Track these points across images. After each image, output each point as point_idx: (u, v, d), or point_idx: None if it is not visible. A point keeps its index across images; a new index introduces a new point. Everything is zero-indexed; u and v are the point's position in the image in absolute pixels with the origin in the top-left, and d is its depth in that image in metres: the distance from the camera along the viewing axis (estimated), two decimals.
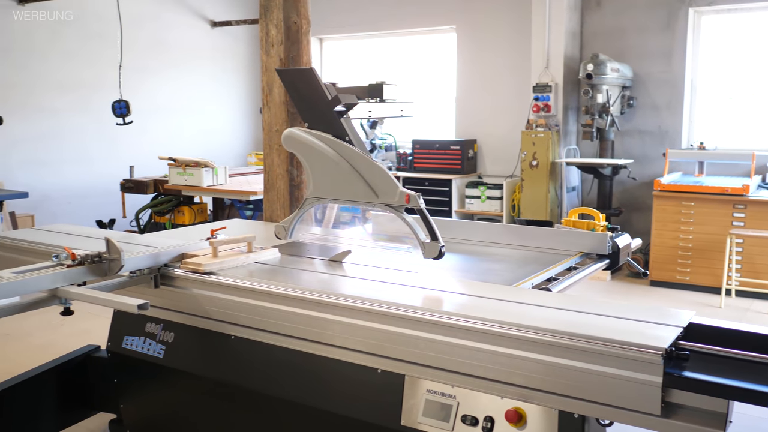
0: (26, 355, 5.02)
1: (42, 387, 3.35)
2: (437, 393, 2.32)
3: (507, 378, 2.13)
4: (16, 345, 5.37)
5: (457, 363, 2.21)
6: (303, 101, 3.21)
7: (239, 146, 10.65)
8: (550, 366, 2.05)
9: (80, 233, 3.74)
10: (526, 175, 8.00)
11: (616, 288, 7.08)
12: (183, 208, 7.39)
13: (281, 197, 4.27)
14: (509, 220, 8.48)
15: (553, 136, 7.92)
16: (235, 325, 2.74)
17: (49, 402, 3.40)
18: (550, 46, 8.02)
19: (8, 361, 4.96)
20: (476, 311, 2.26)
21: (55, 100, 8.22)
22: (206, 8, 10.01)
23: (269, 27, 4.20)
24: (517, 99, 8.65)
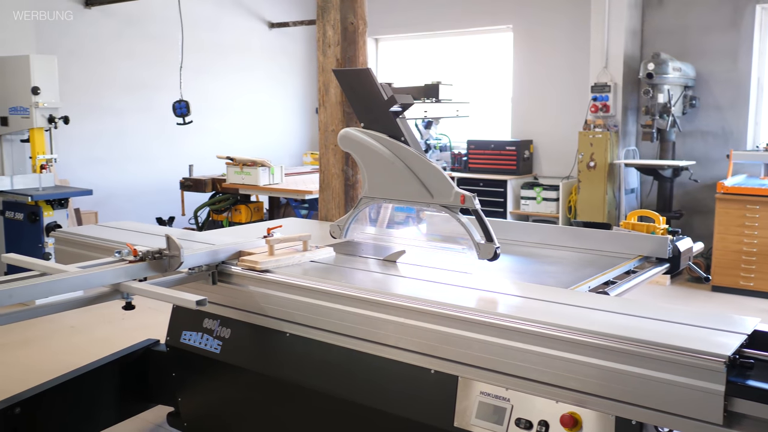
0: (89, 347, 5.18)
1: (104, 378, 3.45)
2: (491, 395, 2.30)
3: (563, 382, 2.10)
4: (80, 337, 5.55)
5: (512, 366, 2.19)
6: (359, 101, 3.23)
7: (295, 146, 10.77)
8: (607, 371, 2.01)
9: (141, 230, 3.84)
10: (583, 177, 7.87)
11: (676, 293, 6.91)
12: (240, 206, 7.51)
13: (336, 196, 4.30)
14: (565, 222, 8.35)
15: (612, 136, 7.77)
16: (290, 323, 2.78)
17: (111, 393, 3.50)
18: (609, 45, 7.87)
19: (72, 352, 5.13)
20: (531, 313, 2.23)
21: (119, 101, 8.46)
22: (264, 10, 10.15)
23: (326, 28, 4.23)
24: (575, 99, 8.52)
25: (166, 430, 3.81)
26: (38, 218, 6.29)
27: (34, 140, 6.46)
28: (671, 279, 7.10)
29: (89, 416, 3.39)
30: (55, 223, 6.33)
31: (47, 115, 6.41)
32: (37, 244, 6.28)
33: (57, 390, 3.17)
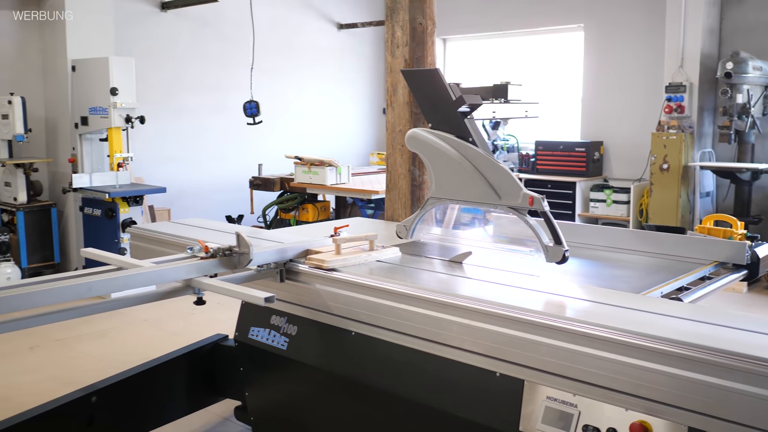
0: (160, 340, 5.33)
1: (175, 371, 3.55)
2: (558, 401, 2.26)
3: (633, 390, 2.04)
4: (152, 330, 5.72)
5: (580, 371, 2.15)
6: (427, 102, 3.22)
7: (362, 146, 10.84)
8: (680, 380, 1.95)
9: (212, 227, 3.93)
10: (656, 179, 7.65)
11: (754, 301, 6.64)
12: (307, 205, 7.60)
13: (403, 197, 4.30)
14: (636, 225, 8.14)
15: (687, 138, 7.53)
16: (355, 322, 2.79)
17: (181, 385, 3.60)
18: (685, 44, 7.63)
19: (145, 345, 5.30)
20: (601, 318, 2.18)
21: (192, 101, 8.69)
22: (333, 11, 10.25)
23: (395, 28, 4.24)
24: (648, 99, 8.30)
25: (234, 423, 3.89)
26: (115, 214, 6.52)
27: (112, 139, 6.69)
28: (749, 286, 6.83)
29: (160, 407, 3.50)
30: (131, 219, 6.55)
31: (124, 115, 6.63)
32: (114, 239, 6.51)
33: (131, 381, 3.28)
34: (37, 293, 2.32)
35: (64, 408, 2.98)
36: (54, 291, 2.35)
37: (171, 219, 7.74)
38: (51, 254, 7.12)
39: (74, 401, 3.03)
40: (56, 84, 7.21)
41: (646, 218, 7.94)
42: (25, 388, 4.51)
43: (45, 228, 7.04)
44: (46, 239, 7.06)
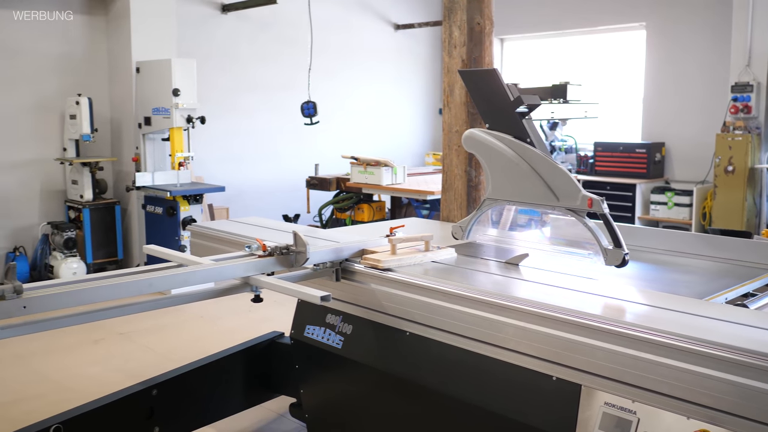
0: (218, 337, 5.44)
1: (232, 367, 3.61)
2: (616, 407, 2.21)
3: (695, 398, 1.99)
4: (209, 327, 5.84)
5: (639, 377, 2.10)
6: (484, 102, 3.20)
7: (417, 146, 10.83)
8: (744, 389, 1.88)
9: (269, 226, 3.98)
10: (720, 182, 7.43)
11: None
12: (363, 205, 7.64)
13: (459, 197, 4.28)
14: (699, 228, 7.92)
15: (753, 139, 7.29)
16: (410, 322, 2.79)
17: (238, 381, 3.66)
18: (752, 42, 7.39)
19: (203, 340, 5.41)
20: (662, 324, 2.13)
21: (251, 101, 8.83)
22: (390, 12, 10.27)
23: (452, 28, 4.22)
24: (712, 99, 8.06)
25: (289, 420, 3.94)
26: (175, 212, 6.68)
27: (174, 139, 6.85)
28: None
29: (218, 401, 3.56)
30: (191, 217, 6.70)
31: (186, 116, 6.79)
32: (174, 236, 6.67)
33: (190, 375, 3.35)
34: (101, 288, 2.39)
35: (126, 400, 3.06)
36: (118, 286, 2.42)
37: (229, 217, 7.88)
38: (114, 250, 7.33)
39: (136, 394, 3.11)
40: (121, 85, 7.43)
41: (709, 221, 7.72)
42: (90, 379, 4.65)
43: (109, 225, 7.26)
44: (110, 236, 7.28)
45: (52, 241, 7.07)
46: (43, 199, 7.38)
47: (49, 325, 2.31)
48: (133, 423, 3.12)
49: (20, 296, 2.15)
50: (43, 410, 3.50)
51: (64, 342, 5.31)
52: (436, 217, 6.43)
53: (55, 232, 7.05)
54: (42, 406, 4.11)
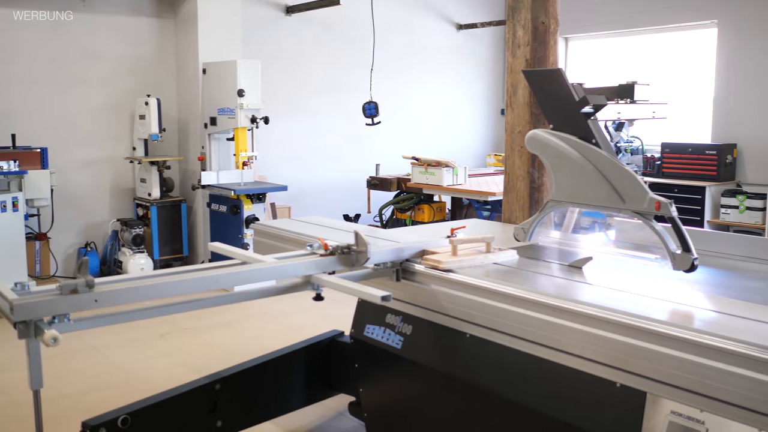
0: (280, 333, 5.52)
1: (293, 363, 3.66)
2: (683, 416, 2.15)
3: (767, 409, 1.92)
4: (272, 323, 5.93)
5: (708, 386, 2.03)
6: (549, 102, 3.16)
7: (479, 147, 10.76)
8: None
9: (330, 225, 4.02)
10: None
11: None
12: (423, 206, 7.63)
13: (521, 199, 4.23)
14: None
15: None
16: (470, 324, 2.78)
17: (299, 378, 3.70)
18: None
19: (265, 337, 5.50)
20: (733, 332, 2.06)
21: (314, 101, 8.93)
22: (452, 12, 10.23)
23: (516, 28, 4.18)
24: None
25: (348, 418, 3.97)
26: (239, 211, 6.81)
27: (238, 139, 6.98)
28: None
29: (279, 397, 3.61)
30: (254, 215, 6.81)
31: (250, 116, 6.91)
32: (238, 234, 6.80)
33: (252, 370, 3.41)
34: (169, 284, 2.46)
35: (190, 393, 3.14)
36: (184, 282, 2.49)
37: (291, 216, 7.98)
38: (180, 247, 7.52)
39: (200, 388, 3.18)
40: (188, 86, 7.61)
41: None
42: (157, 371, 4.79)
43: (175, 222, 7.45)
44: (176, 233, 7.47)
45: (121, 237, 7.31)
46: (113, 196, 7.63)
47: (118, 319, 2.39)
48: (197, 416, 3.19)
49: (92, 290, 2.23)
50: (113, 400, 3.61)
51: (133, 335, 5.47)
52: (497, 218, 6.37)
53: (124, 228, 7.27)
54: (112, 395, 4.25)
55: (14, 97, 6.90)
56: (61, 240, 7.25)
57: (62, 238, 7.26)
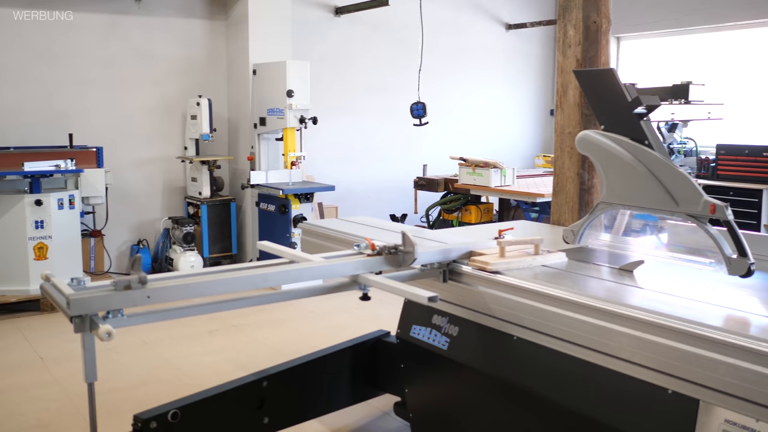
0: (326, 332, 5.56)
1: (340, 362, 3.68)
2: (738, 425, 2.09)
3: None
4: (318, 322, 5.97)
5: (764, 395, 1.97)
6: (600, 103, 3.11)
7: (527, 148, 10.66)
8: None
9: (377, 225, 4.03)
10: None
11: None
12: (470, 207, 7.59)
13: (570, 201, 4.18)
14: None
15: None
16: (518, 326, 2.75)
17: (345, 377, 3.72)
18: None
19: (312, 335, 5.54)
20: None
21: (362, 102, 8.97)
22: (502, 11, 10.16)
23: (567, 27, 4.13)
24: None
25: (393, 418, 3.97)
26: (287, 210, 6.88)
27: (287, 139, 7.05)
28: None
29: (325, 396, 3.64)
30: (301, 215, 6.88)
31: (299, 116, 6.97)
32: (285, 233, 6.86)
33: (299, 369, 3.44)
34: (219, 281, 2.50)
35: (238, 390, 3.18)
36: (234, 280, 2.52)
37: (338, 216, 8.03)
38: (229, 245, 7.63)
39: (248, 384, 3.22)
40: (239, 87, 7.72)
41: None
42: (206, 367, 4.87)
43: (225, 221, 7.57)
44: (225, 231, 7.59)
45: (172, 235, 7.45)
46: (165, 195, 7.79)
47: (169, 315, 2.43)
48: (244, 412, 3.23)
49: (145, 287, 2.28)
50: (163, 394, 3.70)
51: (183, 331, 5.58)
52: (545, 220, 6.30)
53: (175, 226, 7.42)
54: (163, 390, 4.34)
55: (71, 97, 7.10)
56: (115, 237, 7.44)
57: (116, 236, 7.44)
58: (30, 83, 6.89)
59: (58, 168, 6.31)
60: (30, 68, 6.88)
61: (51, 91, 7.00)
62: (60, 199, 6.28)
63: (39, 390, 4.51)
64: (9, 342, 5.46)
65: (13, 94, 6.82)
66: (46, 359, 5.06)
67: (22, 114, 6.87)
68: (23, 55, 6.84)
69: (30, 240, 6.14)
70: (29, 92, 6.89)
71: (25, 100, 6.87)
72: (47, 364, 4.96)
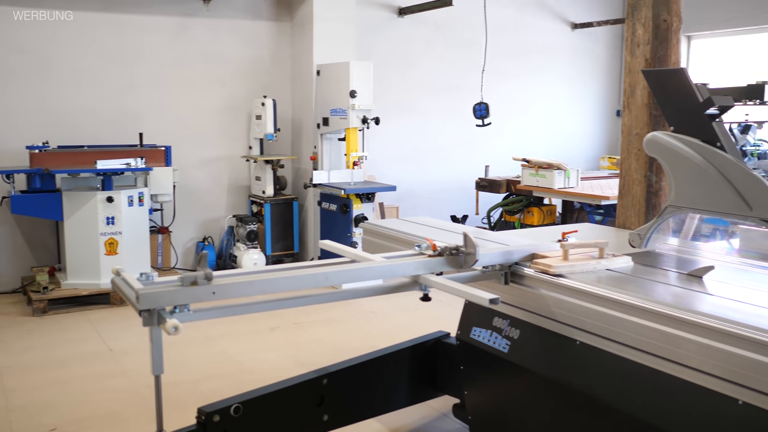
0: (386, 332, 5.57)
1: (399, 363, 3.68)
2: None
3: None
4: (378, 322, 5.99)
5: None
6: (670, 104, 3.03)
7: (591, 149, 10.46)
8: None
9: (437, 226, 4.02)
10: None
11: None
12: (533, 208, 7.50)
13: (636, 204, 4.08)
14: None
15: None
16: (581, 331, 2.71)
17: (404, 377, 3.72)
18: None
19: (371, 335, 5.57)
20: None
21: (424, 102, 8.96)
22: (567, 11, 10.00)
23: (636, 26, 4.03)
24: None
25: (451, 420, 3.95)
26: (348, 210, 6.92)
27: (349, 139, 7.10)
28: None
29: (384, 395, 3.65)
30: (363, 215, 6.91)
31: (361, 116, 7.01)
32: (346, 233, 6.91)
33: (359, 368, 3.45)
34: (282, 279, 2.54)
35: (299, 387, 3.22)
36: (297, 278, 2.56)
37: (399, 216, 8.04)
38: (291, 244, 7.74)
39: (308, 381, 3.26)
40: (302, 87, 7.82)
41: None
42: (267, 364, 4.95)
43: (287, 219, 7.67)
44: (287, 230, 7.69)
45: (236, 232, 7.60)
46: (229, 193, 7.95)
47: (233, 311, 2.48)
48: (304, 409, 3.27)
49: (210, 283, 2.33)
50: (225, 388, 3.78)
51: (245, 327, 5.68)
52: (610, 223, 6.17)
53: (239, 224, 7.56)
54: (225, 385, 4.43)
55: (142, 97, 7.32)
56: (181, 234, 7.63)
57: (182, 232, 7.64)
58: (104, 84, 7.13)
59: (129, 166, 6.51)
60: (105, 70, 7.12)
61: (123, 91, 7.23)
62: (130, 197, 6.48)
63: (108, 380, 4.66)
64: (81, 333, 5.66)
65: (89, 94, 7.07)
66: (115, 351, 5.23)
67: (96, 113, 7.11)
68: (99, 57, 7.09)
69: (101, 236, 6.35)
70: (103, 92, 7.13)
71: (99, 101, 7.12)
72: (116, 356, 5.13)
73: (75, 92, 7.01)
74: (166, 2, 7.32)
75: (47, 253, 6.99)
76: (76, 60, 6.99)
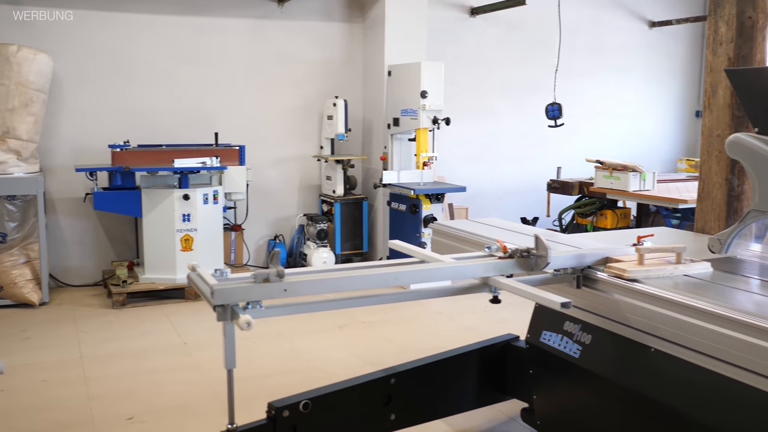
0: (454, 333, 5.55)
1: (467, 365, 3.66)
2: None
3: None
4: (446, 323, 5.98)
5: None
6: (755, 104, 2.91)
7: (669, 151, 10.16)
8: None
9: (508, 228, 3.98)
10: None
11: None
12: (606, 211, 7.33)
13: (717, 208, 3.94)
14: None
15: None
16: (656, 337, 2.63)
17: (471, 379, 3.70)
18: None
19: (439, 336, 5.56)
20: None
21: (496, 103, 8.88)
22: (645, 9, 9.74)
23: (718, 24, 3.89)
24: None
25: (519, 424, 3.91)
26: (418, 210, 6.93)
27: (419, 139, 7.09)
28: None
29: (451, 397, 3.63)
30: (432, 215, 6.90)
31: (432, 117, 7.00)
32: (415, 233, 6.92)
33: (426, 368, 3.45)
34: (352, 278, 2.56)
35: (366, 385, 3.24)
36: (367, 277, 2.58)
37: (468, 217, 7.99)
38: (360, 243, 7.79)
39: (376, 380, 3.27)
40: (374, 88, 7.87)
41: None
42: (335, 362, 5.00)
43: (357, 219, 7.73)
44: (356, 229, 7.75)
45: (307, 231, 7.71)
46: (301, 192, 8.07)
47: (304, 308, 2.52)
48: (372, 408, 3.29)
49: (282, 280, 2.37)
50: (295, 385, 3.83)
51: (315, 325, 5.76)
52: (687, 227, 5.97)
53: (309, 223, 7.67)
54: (294, 381, 4.49)
55: (218, 98, 7.51)
56: (254, 231, 7.79)
57: (254, 230, 7.79)
58: (182, 85, 7.35)
59: (204, 165, 6.69)
60: (182, 71, 7.34)
61: (200, 92, 7.43)
62: (205, 195, 6.66)
63: (182, 373, 4.80)
64: (157, 326, 5.85)
65: (167, 95, 7.30)
66: (189, 344, 5.38)
67: (174, 114, 7.34)
68: (178, 58, 7.31)
69: (177, 232, 6.55)
70: (181, 93, 7.35)
71: (176, 101, 7.34)
72: (189, 349, 5.28)
73: (154, 93, 7.26)
74: (242, 6, 7.49)
75: (127, 248, 7.26)
76: (156, 62, 7.23)
